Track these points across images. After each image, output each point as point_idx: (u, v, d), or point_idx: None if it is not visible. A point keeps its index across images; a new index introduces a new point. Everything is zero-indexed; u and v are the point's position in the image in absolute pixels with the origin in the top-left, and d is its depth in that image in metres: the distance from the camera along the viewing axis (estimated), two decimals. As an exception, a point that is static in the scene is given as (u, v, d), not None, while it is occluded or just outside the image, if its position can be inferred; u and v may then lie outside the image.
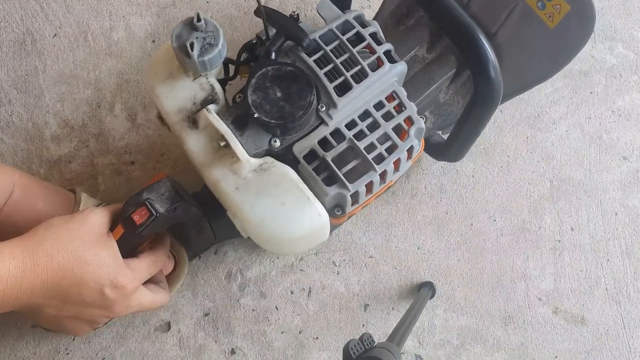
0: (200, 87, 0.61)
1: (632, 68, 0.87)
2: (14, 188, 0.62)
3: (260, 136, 0.59)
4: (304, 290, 0.77)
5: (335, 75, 0.61)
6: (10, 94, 0.84)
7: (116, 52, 0.86)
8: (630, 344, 0.76)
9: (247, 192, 0.58)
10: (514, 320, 0.76)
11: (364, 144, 0.59)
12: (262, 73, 0.59)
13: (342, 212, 0.60)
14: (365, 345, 0.53)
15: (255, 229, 0.59)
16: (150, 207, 0.59)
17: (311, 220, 0.58)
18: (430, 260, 0.78)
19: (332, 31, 0.62)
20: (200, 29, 0.58)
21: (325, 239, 0.63)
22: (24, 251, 0.52)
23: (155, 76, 0.62)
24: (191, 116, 0.60)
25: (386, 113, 0.61)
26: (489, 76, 0.60)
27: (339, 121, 0.60)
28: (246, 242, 0.78)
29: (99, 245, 0.56)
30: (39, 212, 0.63)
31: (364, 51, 0.62)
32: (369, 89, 0.61)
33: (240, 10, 0.88)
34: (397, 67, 0.62)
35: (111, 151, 0.82)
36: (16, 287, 0.51)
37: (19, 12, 0.87)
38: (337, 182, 0.58)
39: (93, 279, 0.55)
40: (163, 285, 0.67)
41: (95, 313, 0.59)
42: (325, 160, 0.58)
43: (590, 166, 0.83)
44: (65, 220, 0.56)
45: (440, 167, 0.82)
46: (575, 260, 0.79)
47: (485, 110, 0.63)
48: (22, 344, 0.74)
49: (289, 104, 0.58)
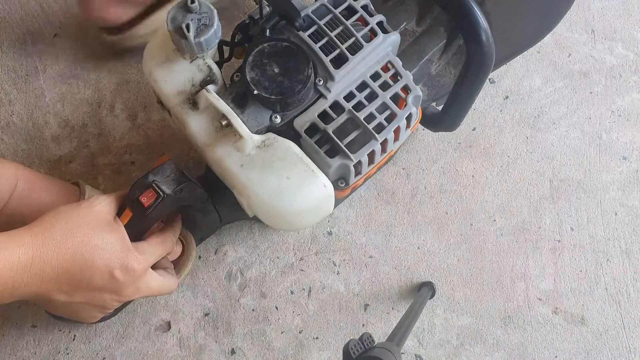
0: (198, 69, 0.61)
1: (632, 68, 0.87)
2: (18, 182, 0.63)
3: (261, 113, 0.60)
4: (304, 290, 0.77)
5: (331, 49, 0.61)
6: (11, 94, 0.84)
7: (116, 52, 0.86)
8: (630, 344, 0.76)
9: (252, 168, 0.58)
10: (514, 320, 0.77)
11: (363, 114, 0.59)
12: (259, 50, 0.59)
13: (346, 184, 0.61)
14: (365, 345, 0.53)
15: (262, 204, 0.59)
16: (157, 188, 0.59)
17: (317, 191, 0.58)
18: (430, 260, 0.78)
19: (324, 5, 0.63)
20: (194, 11, 0.59)
21: (330, 212, 0.64)
22: (32, 239, 0.53)
23: (152, 61, 0.62)
24: (191, 98, 0.61)
25: (383, 83, 0.61)
26: (481, 40, 0.60)
27: (337, 94, 0.60)
28: (246, 242, 0.78)
29: (106, 230, 0.57)
30: (45, 205, 0.63)
31: (356, 24, 0.63)
32: (365, 61, 0.61)
33: (240, 10, 0.88)
34: (391, 37, 0.63)
35: (111, 151, 0.82)
36: (26, 274, 0.52)
37: (19, 12, 0.87)
38: (339, 153, 0.59)
39: (103, 262, 0.56)
40: (171, 271, 0.67)
41: (106, 297, 0.60)
42: (326, 132, 0.59)
43: (590, 166, 0.83)
44: (72, 208, 0.57)
45: (440, 167, 0.82)
46: (575, 260, 0.79)
47: (478, 76, 0.64)
48: (22, 344, 0.74)
49: (287, 79, 0.59)
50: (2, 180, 0.62)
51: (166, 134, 0.82)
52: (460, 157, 0.82)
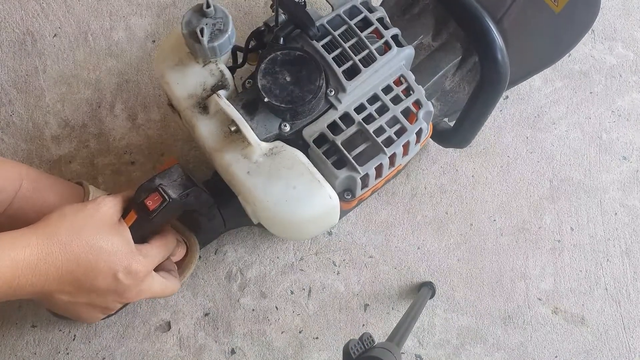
0: (210, 73, 0.61)
1: (632, 68, 0.87)
2: (23, 182, 0.63)
3: (270, 121, 0.60)
4: (304, 290, 0.77)
5: (344, 60, 0.61)
6: (11, 94, 0.84)
7: (116, 52, 0.86)
8: (630, 344, 0.76)
9: (258, 175, 0.58)
10: (514, 320, 0.77)
11: (373, 127, 0.59)
12: (272, 58, 0.59)
13: (352, 196, 0.61)
14: (365, 345, 0.53)
15: (266, 212, 0.59)
16: (163, 192, 0.59)
17: (322, 202, 0.58)
18: (430, 260, 0.78)
19: (339, 16, 0.63)
20: (209, 15, 0.59)
21: (335, 223, 0.64)
22: (38, 239, 0.53)
23: (165, 63, 0.63)
24: (201, 102, 0.61)
25: (395, 96, 0.61)
26: (496, 59, 0.60)
27: (348, 105, 0.60)
28: (246, 242, 0.78)
29: (111, 232, 0.57)
30: (49, 205, 0.63)
31: (371, 36, 0.63)
32: (377, 73, 0.61)
33: (240, 10, 0.88)
34: (405, 51, 0.62)
35: (111, 151, 0.82)
36: (31, 274, 0.52)
37: (19, 12, 0.87)
38: (347, 165, 0.59)
39: (107, 265, 0.56)
40: (174, 274, 0.68)
41: (109, 299, 0.60)
42: (335, 143, 0.59)
43: (590, 166, 0.83)
44: (77, 209, 0.57)
45: (440, 167, 0.82)
46: (575, 260, 0.79)
47: (492, 94, 0.64)
48: (22, 344, 0.74)
49: (299, 88, 0.59)
50: (7, 180, 0.62)
51: (166, 134, 0.82)
52: (460, 157, 0.82)
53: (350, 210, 0.77)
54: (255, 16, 0.88)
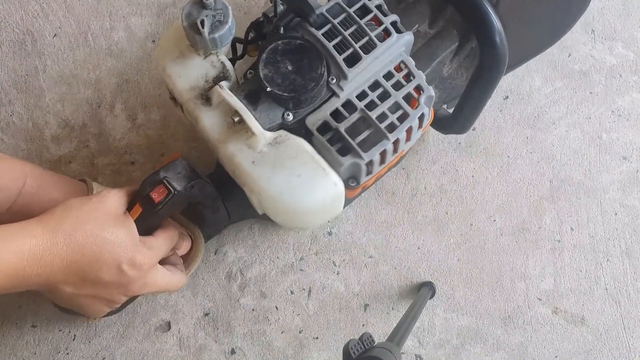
0: (212, 65, 0.61)
1: (632, 68, 0.87)
2: (27, 179, 0.63)
3: (273, 110, 0.60)
4: (304, 290, 0.77)
5: (344, 48, 0.61)
6: (11, 94, 0.84)
7: (116, 52, 0.86)
8: (630, 344, 0.76)
9: (263, 165, 0.58)
10: (514, 320, 0.77)
11: (375, 113, 0.59)
12: (273, 47, 0.60)
13: (357, 183, 0.61)
14: (365, 345, 0.53)
15: (272, 202, 0.59)
16: (168, 184, 0.60)
17: (327, 190, 0.59)
18: (430, 260, 0.78)
19: (338, 4, 0.63)
20: (209, 7, 0.59)
21: (340, 212, 0.64)
22: (43, 230, 0.53)
23: (166, 56, 0.63)
24: (204, 94, 0.61)
25: (396, 82, 0.61)
26: (495, 43, 0.60)
27: (349, 92, 0.60)
28: (246, 242, 0.78)
29: (116, 224, 0.57)
30: (53, 201, 0.63)
31: (370, 23, 0.63)
32: (378, 60, 0.61)
33: (240, 10, 0.88)
34: (404, 37, 0.63)
35: (111, 151, 0.82)
36: (37, 265, 0.52)
37: (19, 12, 0.87)
38: (351, 152, 0.59)
39: (111, 257, 0.56)
40: (180, 267, 0.68)
41: (114, 291, 0.60)
42: (338, 131, 0.59)
43: (590, 166, 0.83)
44: (83, 202, 0.57)
45: (440, 167, 0.82)
46: (575, 260, 0.79)
47: (491, 79, 0.64)
48: (22, 344, 0.74)
49: (301, 77, 0.59)
50: (11, 178, 0.63)
51: (166, 134, 0.82)
52: (460, 157, 0.82)
53: (354, 199, 0.77)
54: (255, 16, 0.87)
